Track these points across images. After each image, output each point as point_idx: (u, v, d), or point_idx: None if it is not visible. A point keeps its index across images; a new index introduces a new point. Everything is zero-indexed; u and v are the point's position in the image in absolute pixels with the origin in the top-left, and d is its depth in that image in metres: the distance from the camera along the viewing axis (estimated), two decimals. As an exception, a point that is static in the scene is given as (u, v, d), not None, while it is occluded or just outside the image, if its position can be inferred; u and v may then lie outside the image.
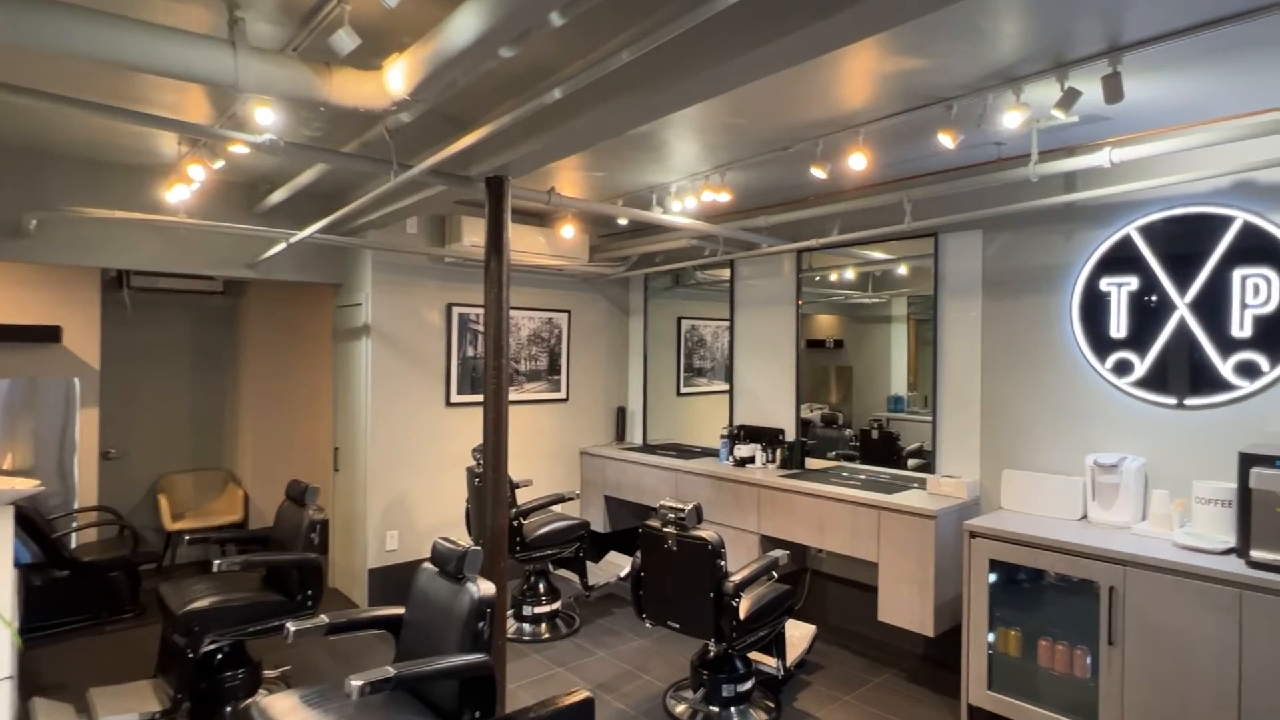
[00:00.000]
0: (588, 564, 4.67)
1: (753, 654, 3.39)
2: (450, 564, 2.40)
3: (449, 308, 4.87)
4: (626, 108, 2.34)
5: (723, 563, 3.11)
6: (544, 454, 5.40)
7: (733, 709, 3.25)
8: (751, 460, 4.56)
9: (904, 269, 4.31)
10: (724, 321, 5.11)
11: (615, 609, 4.67)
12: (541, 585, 4.36)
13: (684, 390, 5.62)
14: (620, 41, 1.95)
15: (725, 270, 5.08)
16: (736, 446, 4.63)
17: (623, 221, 4.81)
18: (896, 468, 4.17)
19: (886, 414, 4.37)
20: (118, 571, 4.36)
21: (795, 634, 3.83)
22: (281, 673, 3.60)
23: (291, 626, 2.34)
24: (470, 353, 4.94)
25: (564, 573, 5.05)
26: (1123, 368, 3.22)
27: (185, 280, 5.32)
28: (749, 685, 3.30)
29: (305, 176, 3.65)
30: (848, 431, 4.55)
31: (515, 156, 2.86)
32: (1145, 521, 3.03)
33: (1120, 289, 3.22)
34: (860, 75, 2.52)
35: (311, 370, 5.97)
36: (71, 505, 4.61)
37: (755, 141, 3.25)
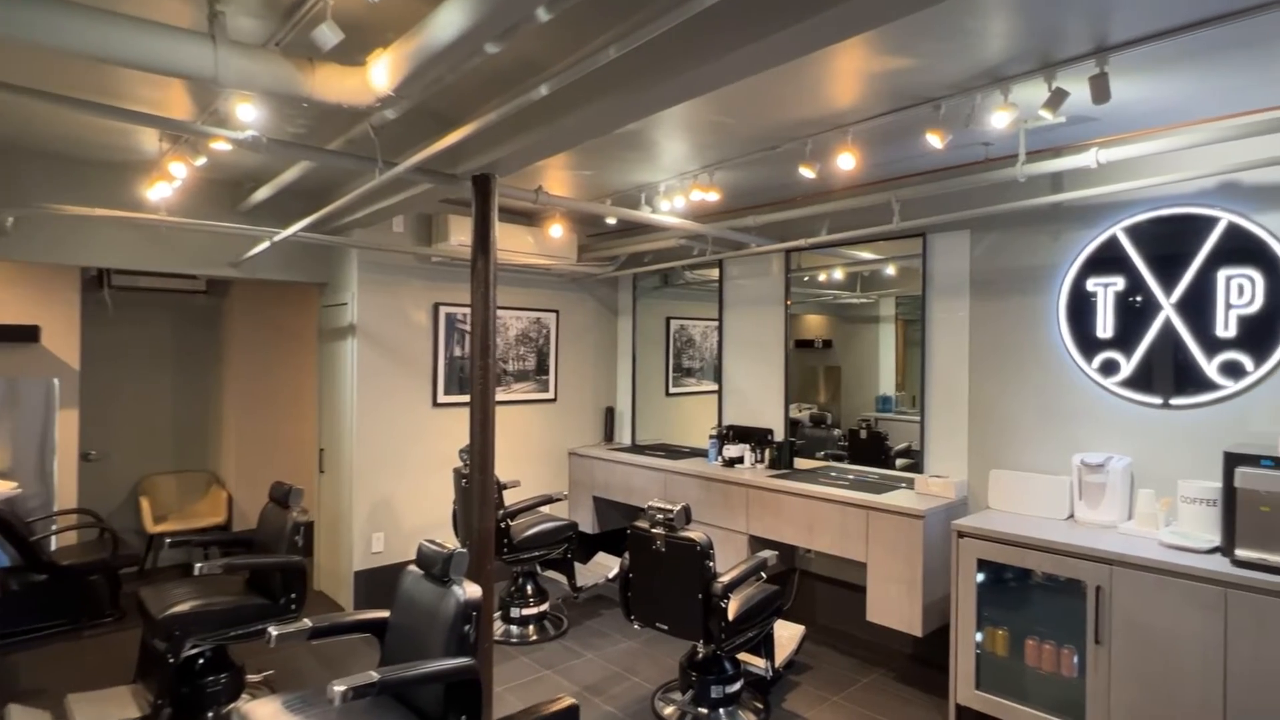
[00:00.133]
0: (576, 565, 4.65)
1: (741, 655, 3.38)
2: (435, 566, 2.37)
3: (436, 307, 4.83)
4: (614, 105, 2.33)
5: (711, 563, 3.09)
6: (532, 454, 5.37)
7: (721, 710, 3.23)
8: (740, 460, 4.55)
9: (892, 269, 4.31)
10: (713, 321, 5.10)
11: (604, 610, 4.65)
12: (529, 587, 4.33)
13: (673, 390, 5.61)
14: (607, 38, 1.93)
15: (714, 270, 5.07)
16: (725, 447, 4.62)
17: (611, 221, 4.79)
18: (885, 468, 4.18)
19: (875, 414, 4.37)
20: (97, 575, 4.29)
21: (784, 634, 3.82)
22: (265, 677, 3.55)
23: (274, 631, 2.30)
24: (457, 353, 4.91)
25: (552, 574, 5.03)
26: (1109, 368, 3.23)
27: (167, 279, 5.25)
28: (738, 686, 3.29)
29: (289, 174, 3.61)
30: (836, 431, 4.55)
31: (502, 154, 2.83)
32: (1131, 521, 3.05)
33: (1107, 289, 3.24)
34: (848, 75, 2.51)
35: (296, 370, 5.91)
36: (50, 508, 4.53)
37: (744, 141, 3.24)
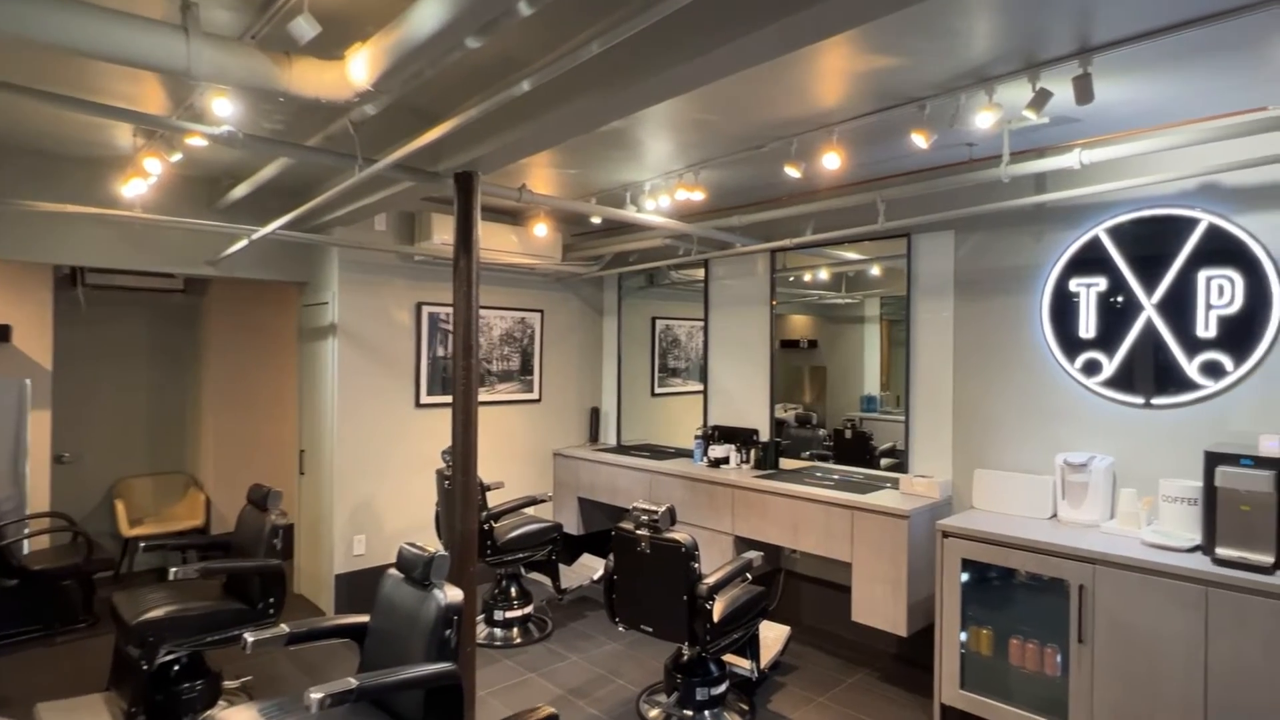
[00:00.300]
0: (560, 567, 4.62)
1: (727, 656, 3.37)
2: (416, 570, 2.33)
3: (418, 307, 4.77)
4: (596, 103, 2.30)
5: (696, 565, 3.07)
6: (516, 455, 5.33)
7: (706, 712, 3.21)
8: (726, 461, 4.54)
9: (877, 269, 4.32)
10: (698, 321, 5.08)
11: (588, 612, 4.62)
12: (513, 589, 4.29)
13: (658, 390, 5.59)
14: (589, 34, 1.90)
15: (699, 270, 5.05)
16: (711, 447, 4.60)
17: (596, 220, 4.76)
18: (870, 467, 4.18)
19: (860, 414, 4.37)
20: (70, 580, 4.19)
21: (769, 635, 3.81)
22: (243, 683, 3.49)
23: (250, 637, 2.25)
24: (440, 353, 4.85)
25: (536, 576, 4.99)
26: (1091, 368, 3.25)
27: (143, 278, 5.15)
28: (723, 688, 3.27)
29: (268, 171, 3.54)
30: (821, 431, 4.55)
31: (485, 152, 2.79)
32: (1114, 520, 3.06)
33: (1089, 290, 3.26)
34: (833, 73, 2.50)
35: (276, 371, 5.82)
36: (22, 511, 4.41)
37: (729, 139, 3.22)
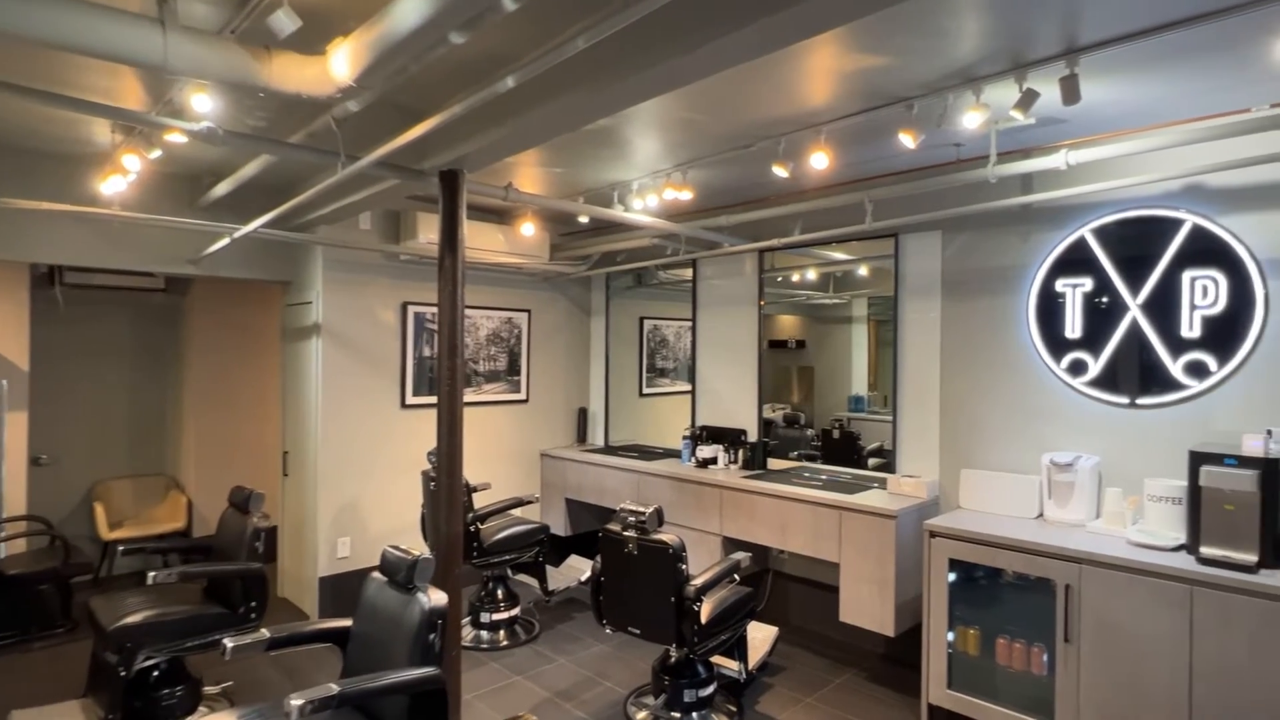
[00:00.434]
0: (548, 568, 4.59)
1: (715, 657, 3.35)
2: (400, 573, 2.30)
3: (404, 306, 4.73)
4: (583, 100, 2.28)
5: (684, 566, 3.06)
6: (503, 456, 5.29)
7: (694, 714, 3.20)
8: (714, 461, 4.52)
9: (864, 270, 4.32)
10: (686, 321, 5.07)
11: (576, 614, 4.59)
12: (500, 591, 4.25)
13: (646, 391, 5.56)
14: (575, 30, 1.88)
15: (687, 270, 5.04)
16: (699, 447, 4.59)
17: (583, 219, 4.73)
18: (857, 467, 4.18)
19: (847, 414, 4.37)
20: (47, 584, 4.12)
21: (757, 636, 3.80)
22: (224, 689, 3.43)
23: (229, 643, 2.21)
24: (427, 353, 4.81)
25: (523, 578, 4.96)
26: (1077, 368, 3.26)
27: (123, 276, 5.07)
28: (711, 690, 3.25)
29: (250, 168, 3.49)
30: (809, 431, 4.54)
31: (470, 150, 2.76)
32: (1099, 519, 3.07)
33: (1075, 290, 3.27)
34: (821, 72, 2.49)
35: (259, 371, 5.75)
36: (-2, 515, 4.34)
37: (717, 139, 3.20)
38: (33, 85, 2.47)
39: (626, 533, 3.17)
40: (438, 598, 2.23)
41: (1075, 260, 3.27)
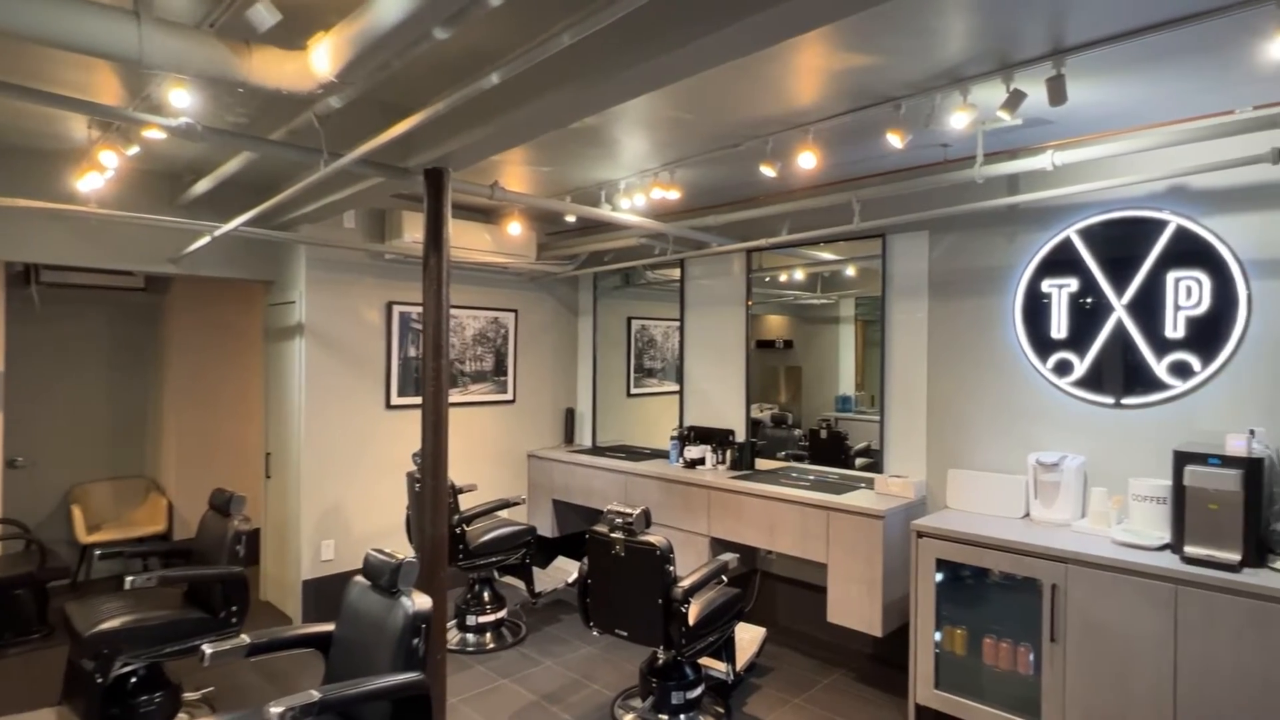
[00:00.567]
0: (534, 570, 4.55)
1: (703, 659, 3.33)
2: (383, 577, 2.27)
3: (389, 306, 4.68)
4: (569, 98, 2.25)
5: (671, 568, 3.04)
6: (490, 457, 5.25)
7: (682, 716, 3.18)
8: (701, 462, 4.51)
9: (852, 270, 4.32)
10: (674, 321, 5.05)
11: (563, 615, 4.56)
12: (486, 594, 4.22)
13: (634, 391, 5.54)
14: (561, 26, 1.86)
15: (675, 270, 5.02)
16: (686, 448, 4.57)
17: (571, 218, 4.71)
18: (845, 467, 4.18)
19: (835, 414, 4.37)
20: (23, 589, 4.04)
21: (745, 637, 3.79)
22: (204, 694, 3.38)
23: (208, 650, 2.17)
24: (412, 353, 4.76)
25: (510, 580, 4.92)
26: (1063, 368, 3.28)
27: (101, 275, 4.98)
28: (698, 691, 3.24)
29: (231, 165, 3.43)
30: (797, 431, 4.54)
31: (456, 147, 2.73)
32: (1085, 519, 3.09)
33: (1061, 290, 3.28)
34: (809, 71, 2.48)
35: (241, 371, 5.68)
36: (-28, 518, 4.25)
37: (705, 138, 3.19)
38: (5, 79, 2.41)
39: (614, 534, 3.15)
40: (422, 602, 2.19)
41: (1061, 261, 3.28)
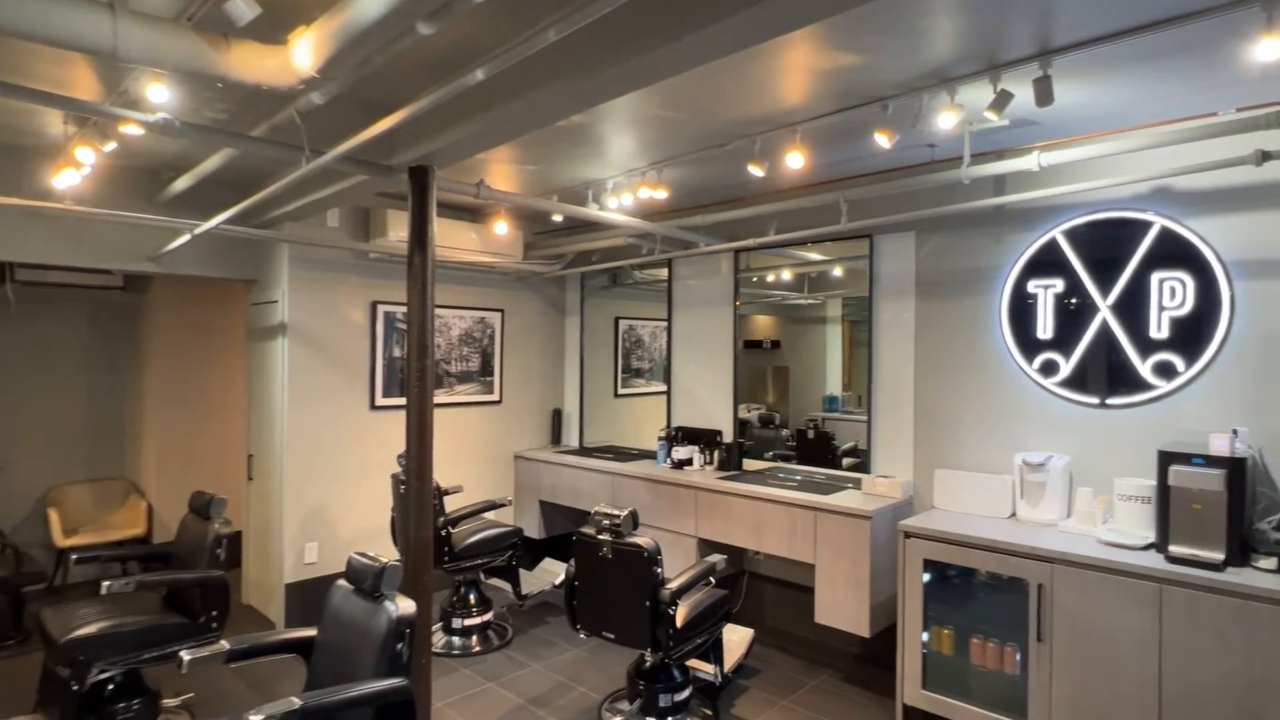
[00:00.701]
0: (521, 572, 4.52)
1: (690, 661, 3.31)
2: (366, 581, 2.23)
3: (374, 306, 4.62)
4: (556, 95, 2.23)
5: (659, 570, 3.02)
6: (476, 458, 5.20)
7: (670, 719, 3.16)
8: (689, 462, 4.50)
9: (839, 270, 4.32)
10: (662, 322, 5.03)
11: (550, 618, 4.53)
12: (472, 596, 4.18)
13: (621, 391, 5.52)
14: (547, 22, 1.83)
15: (663, 270, 5.00)
16: (674, 448, 4.55)
17: (557, 218, 4.67)
18: (832, 467, 4.18)
19: (822, 414, 4.37)
20: (-3, 594, 3.96)
21: (733, 638, 3.77)
22: (184, 701, 3.32)
23: (186, 656, 2.12)
24: (397, 353, 4.71)
25: (496, 582, 4.88)
26: (1049, 368, 3.29)
27: (79, 274, 4.89)
28: (686, 694, 3.22)
29: (211, 163, 3.38)
30: (784, 432, 4.54)
31: (440, 145, 2.69)
32: (1070, 519, 3.10)
33: (1047, 291, 3.29)
34: (797, 71, 2.47)
35: (223, 371, 5.60)
36: (-56, 522, 4.16)
37: (692, 137, 3.17)
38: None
39: (601, 536, 3.12)
40: (406, 606, 2.16)
41: (1047, 262, 3.29)
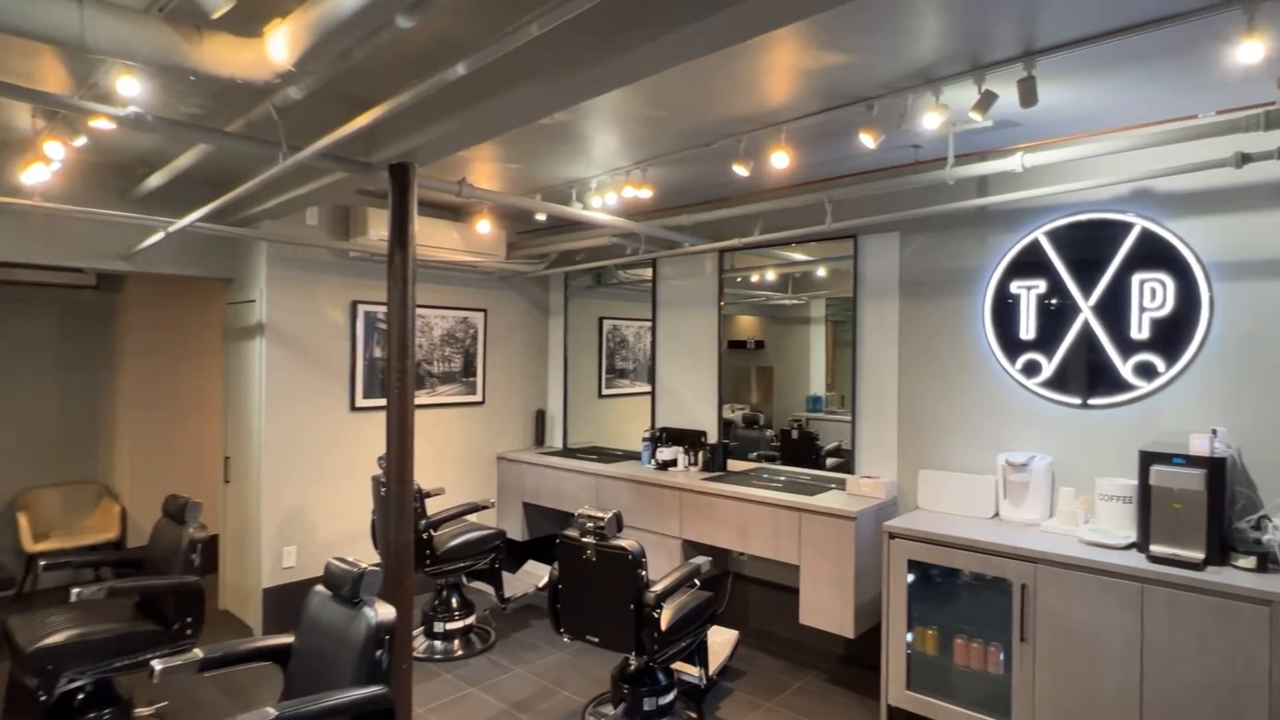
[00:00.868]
0: (504, 575, 4.47)
1: (675, 664, 3.29)
2: (345, 587, 2.18)
3: (354, 305, 4.56)
4: (539, 91, 2.19)
5: (644, 572, 2.99)
6: (458, 460, 5.15)
7: (654, 723, 3.14)
8: (674, 463, 4.47)
9: (823, 271, 4.32)
10: (646, 322, 5.01)
11: (533, 620, 4.49)
12: (454, 599, 4.13)
13: (606, 392, 5.49)
14: (529, 17, 1.80)
15: (647, 270, 4.98)
16: (659, 449, 4.53)
17: (541, 217, 4.64)
18: (816, 468, 4.18)
19: (806, 414, 4.37)
20: (-37, 602, 3.85)
21: (717, 640, 3.76)
22: (157, 710, 3.24)
23: (158, 665, 2.06)
24: (378, 354, 4.65)
25: (479, 585, 4.82)
26: (1031, 369, 3.30)
27: (49, 272, 4.77)
28: (671, 697, 3.20)
29: (186, 159, 3.30)
30: (769, 432, 4.53)
31: (421, 142, 2.65)
32: (1053, 519, 3.11)
33: (1029, 292, 3.31)
34: (782, 70, 2.45)
35: (199, 372, 5.49)
36: (-93, 527, 4.04)
37: (677, 136, 3.15)
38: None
39: (585, 539, 3.09)
40: (385, 612, 2.11)
41: (1030, 263, 3.31)
